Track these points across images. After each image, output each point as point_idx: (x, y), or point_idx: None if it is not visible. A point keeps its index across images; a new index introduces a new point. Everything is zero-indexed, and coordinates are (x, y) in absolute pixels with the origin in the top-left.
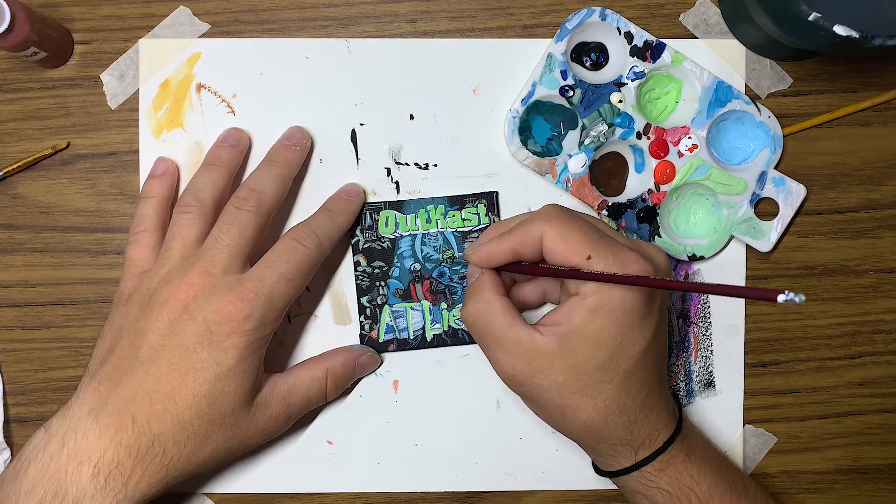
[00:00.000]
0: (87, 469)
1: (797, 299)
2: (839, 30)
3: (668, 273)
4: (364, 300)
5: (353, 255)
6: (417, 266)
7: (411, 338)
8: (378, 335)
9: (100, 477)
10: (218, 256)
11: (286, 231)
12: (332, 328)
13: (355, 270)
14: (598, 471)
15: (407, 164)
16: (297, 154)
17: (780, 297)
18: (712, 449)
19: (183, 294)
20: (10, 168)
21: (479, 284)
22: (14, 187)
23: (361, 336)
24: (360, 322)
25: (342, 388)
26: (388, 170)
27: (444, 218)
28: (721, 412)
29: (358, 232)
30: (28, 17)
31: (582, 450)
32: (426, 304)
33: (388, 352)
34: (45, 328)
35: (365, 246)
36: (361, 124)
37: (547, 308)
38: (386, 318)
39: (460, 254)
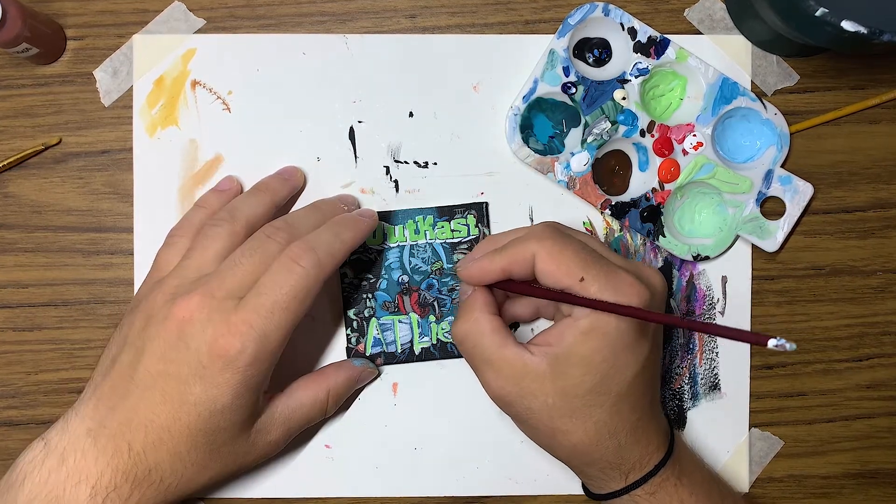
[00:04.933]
0: (86, 489)
1: (788, 346)
2: (847, 25)
3: (664, 295)
4: (351, 313)
5: (341, 267)
6: (405, 278)
7: (399, 351)
8: (365, 349)
9: (97, 498)
10: (230, 279)
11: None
12: (330, 331)
13: (342, 282)
14: (588, 493)
15: (406, 162)
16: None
17: (771, 343)
18: (705, 470)
19: (182, 314)
20: None
21: (469, 303)
22: (6, 186)
23: (348, 349)
24: (347, 335)
25: (340, 403)
26: (387, 168)
27: (433, 229)
28: (726, 415)
29: None
30: (20, 13)
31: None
32: (414, 316)
33: (374, 365)
34: (38, 329)
35: (352, 257)
36: (360, 122)
37: (541, 323)
38: (373, 331)
39: (450, 265)
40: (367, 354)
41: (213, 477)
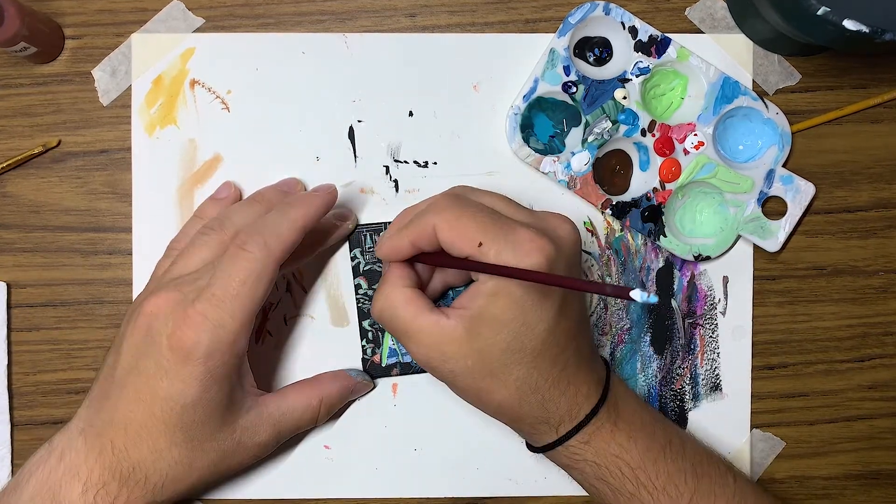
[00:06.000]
0: (78, 486)
1: (651, 299)
2: (849, 24)
3: (574, 245)
4: (366, 324)
5: (354, 278)
6: None
7: (414, 362)
8: (381, 359)
9: (88, 494)
10: (203, 279)
11: None
12: (329, 330)
13: (356, 293)
14: (529, 447)
15: (406, 161)
16: (306, 200)
17: (633, 294)
18: (647, 412)
19: (150, 308)
20: None
21: (383, 279)
22: (3, 186)
23: (364, 360)
24: (363, 346)
25: (332, 413)
26: (387, 168)
27: None
28: (728, 416)
29: (358, 254)
30: (18, 12)
31: None
32: None
33: (390, 376)
34: (36, 330)
35: (366, 268)
36: (359, 121)
37: None
38: (388, 341)
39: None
40: (384, 365)
41: (202, 477)
